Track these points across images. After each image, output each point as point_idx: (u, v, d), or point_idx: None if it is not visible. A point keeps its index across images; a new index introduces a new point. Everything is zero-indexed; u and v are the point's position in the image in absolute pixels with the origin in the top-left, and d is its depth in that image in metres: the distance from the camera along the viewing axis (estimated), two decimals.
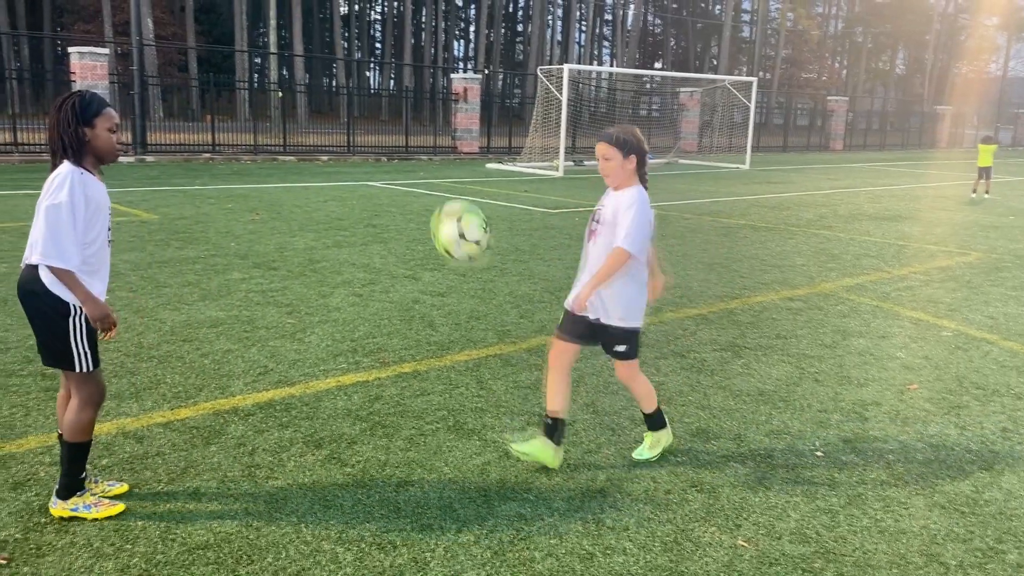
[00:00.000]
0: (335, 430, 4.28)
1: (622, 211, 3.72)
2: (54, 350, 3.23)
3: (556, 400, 3.94)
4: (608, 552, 3.23)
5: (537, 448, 3.91)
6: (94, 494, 3.41)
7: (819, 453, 4.23)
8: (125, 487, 3.56)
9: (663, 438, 4.09)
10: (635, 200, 3.72)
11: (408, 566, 3.08)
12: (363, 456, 3.99)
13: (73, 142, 3.15)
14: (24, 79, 32.84)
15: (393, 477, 3.79)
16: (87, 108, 3.17)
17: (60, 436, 3.41)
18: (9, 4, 44.70)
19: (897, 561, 3.24)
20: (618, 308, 3.84)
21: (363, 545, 3.21)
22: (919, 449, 4.33)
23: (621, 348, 3.91)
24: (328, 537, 3.26)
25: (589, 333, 3.93)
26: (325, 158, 23.67)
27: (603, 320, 3.88)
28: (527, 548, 3.23)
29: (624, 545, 3.28)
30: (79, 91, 3.23)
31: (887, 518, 3.58)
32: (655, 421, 4.08)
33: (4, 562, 3.00)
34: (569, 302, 3.94)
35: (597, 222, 3.87)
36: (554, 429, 3.93)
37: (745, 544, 3.32)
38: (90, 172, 3.20)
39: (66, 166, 3.14)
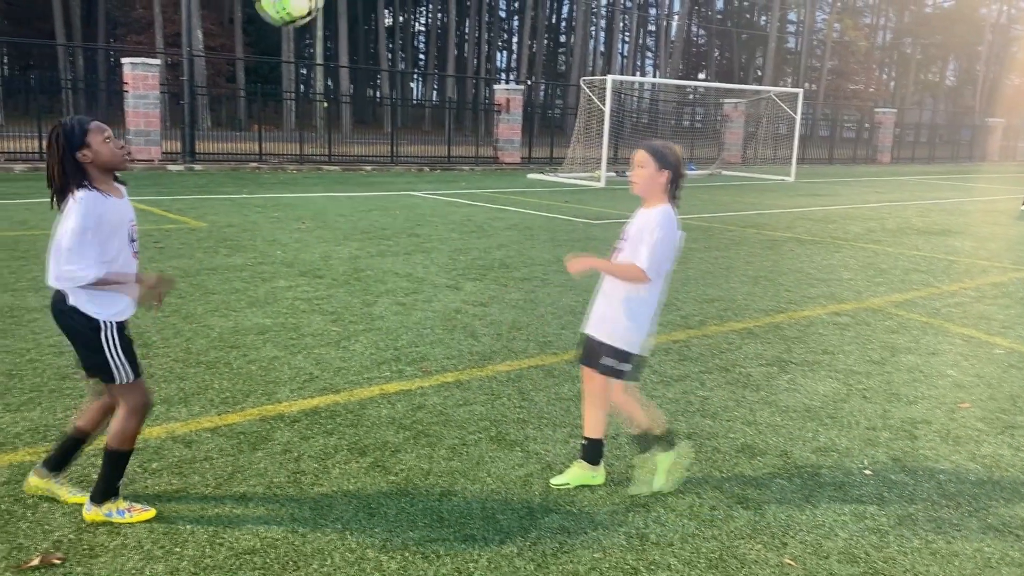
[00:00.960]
0: (379, 438, 4.31)
1: (647, 230, 3.65)
2: (93, 363, 3.29)
3: (588, 424, 3.92)
4: (652, 567, 3.20)
5: (575, 475, 3.91)
6: (126, 499, 3.46)
7: (868, 471, 4.15)
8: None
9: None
10: (662, 221, 3.64)
11: None
12: (406, 464, 4.01)
13: (73, 169, 3.14)
14: (79, 89, 33.64)
15: (436, 486, 3.80)
16: (72, 134, 3.14)
17: (77, 429, 3.51)
18: (65, 16, 45.96)
19: None
20: (611, 327, 3.73)
21: (407, 554, 3.22)
22: (971, 469, 4.23)
23: (608, 362, 3.73)
24: (372, 545, 3.28)
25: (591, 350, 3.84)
26: (369, 168, 23.91)
27: (594, 335, 3.79)
28: (570, 561, 3.22)
29: (668, 561, 3.25)
30: (60, 121, 3.20)
31: (939, 539, 3.50)
32: (592, 450, 3.87)
33: (58, 562, 3.07)
34: (587, 326, 3.88)
35: (623, 239, 3.83)
36: (591, 450, 3.91)
37: (792, 563, 3.27)
38: (101, 191, 3.18)
39: (79, 192, 3.13)
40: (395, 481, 3.84)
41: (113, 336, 3.24)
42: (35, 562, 3.05)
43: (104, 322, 3.23)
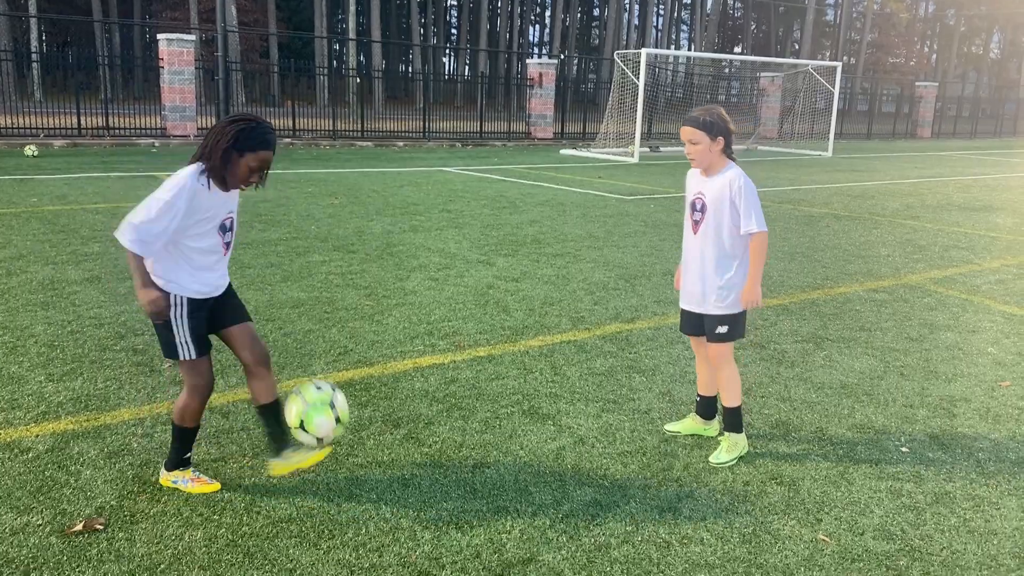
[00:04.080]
0: (412, 410, 4.34)
1: (736, 195, 3.73)
2: (163, 339, 3.35)
3: (702, 384, 4.19)
4: (685, 541, 3.20)
5: (688, 426, 4.19)
6: (195, 472, 3.53)
7: (904, 449, 4.10)
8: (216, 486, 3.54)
9: (740, 443, 3.96)
10: (743, 181, 3.74)
11: (484, 547, 3.11)
12: (440, 437, 4.04)
13: (216, 155, 3.17)
14: (115, 65, 34.00)
15: (469, 458, 3.83)
16: (247, 138, 3.19)
17: (258, 407, 3.52)
18: None
19: (987, 563, 3.13)
20: (717, 294, 3.86)
21: (440, 524, 3.25)
22: (1011, 448, 4.16)
23: (722, 329, 3.89)
24: (406, 515, 3.31)
25: (702, 323, 3.99)
26: (401, 143, 23.94)
27: (705, 311, 3.93)
28: (603, 534, 3.23)
29: (702, 535, 3.25)
30: (257, 121, 3.25)
31: (976, 518, 3.46)
32: (734, 420, 3.97)
33: (100, 527, 3.14)
34: (685, 302, 4.02)
35: (699, 211, 3.85)
36: (706, 406, 4.18)
37: (826, 539, 3.25)
38: (210, 184, 3.21)
39: (191, 169, 3.18)
40: (428, 453, 3.87)
41: (183, 313, 3.28)
42: (78, 527, 3.13)
43: (175, 296, 3.26)
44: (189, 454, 3.51)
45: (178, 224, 3.16)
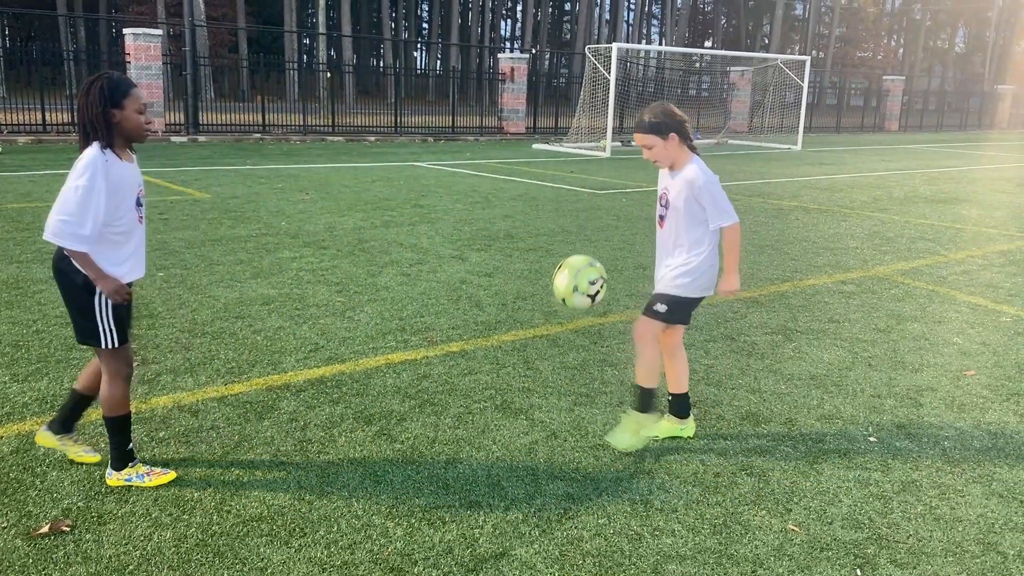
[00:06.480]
0: (385, 407, 4.33)
1: (699, 194, 3.72)
2: (82, 326, 3.29)
3: (671, 381, 4.12)
4: (656, 533, 3.22)
5: (665, 428, 4.09)
6: (145, 463, 3.51)
7: (872, 439, 4.16)
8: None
9: (645, 424, 3.90)
10: (703, 174, 3.73)
11: (457, 542, 3.11)
12: (412, 433, 4.03)
13: (101, 124, 3.15)
14: (81, 60, 33.45)
15: (442, 454, 3.82)
16: (115, 90, 3.16)
17: (74, 391, 3.59)
18: None
19: (953, 549, 3.18)
20: (672, 275, 3.85)
21: (413, 521, 3.25)
22: (976, 436, 4.23)
23: (660, 307, 3.85)
24: (379, 512, 3.30)
25: None
26: (373, 138, 23.81)
27: (655, 289, 3.94)
28: (575, 527, 3.24)
29: (672, 527, 3.27)
30: (106, 72, 3.21)
31: (942, 506, 3.51)
32: (643, 401, 3.91)
33: (67, 529, 3.10)
34: (658, 286, 3.98)
35: (663, 207, 3.89)
36: (678, 405, 4.11)
37: (795, 528, 3.29)
38: (117, 155, 3.21)
39: (93, 149, 3.14)
40: (401, 449, 3.86)
41: (106, 301, 3.24)
42: (44, 529, 3.08)
43: None
44: (131, 445, 3.46)
45: (105, 205, 3.12)
